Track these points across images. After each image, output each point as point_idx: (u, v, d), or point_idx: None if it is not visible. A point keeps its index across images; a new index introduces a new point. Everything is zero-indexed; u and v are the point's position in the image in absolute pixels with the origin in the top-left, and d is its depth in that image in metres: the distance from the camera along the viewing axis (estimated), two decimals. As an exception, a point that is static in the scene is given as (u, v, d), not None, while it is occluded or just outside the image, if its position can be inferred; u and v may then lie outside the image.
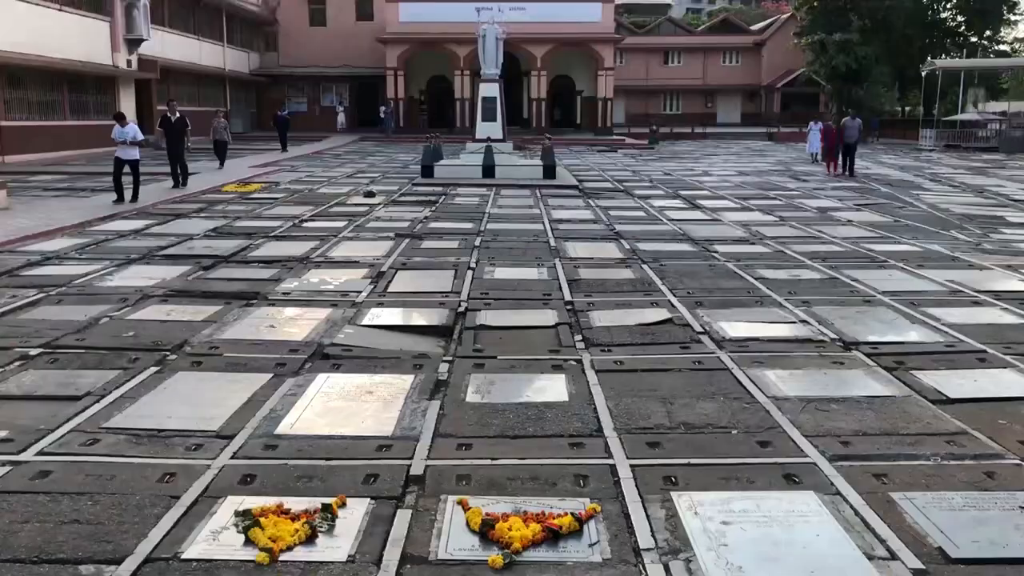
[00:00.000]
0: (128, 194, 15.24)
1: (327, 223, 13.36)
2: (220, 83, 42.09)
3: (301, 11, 47.50)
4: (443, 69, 44.66)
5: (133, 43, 30.77)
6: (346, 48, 46.19)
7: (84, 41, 27.96)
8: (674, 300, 8.06)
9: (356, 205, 15.82)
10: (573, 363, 6.07)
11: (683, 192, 18.59)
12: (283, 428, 4.79)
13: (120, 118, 15.72)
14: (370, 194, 17.35)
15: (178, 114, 17.85)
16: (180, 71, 36.24)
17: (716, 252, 10.86)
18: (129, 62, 30.72)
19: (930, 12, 52.70)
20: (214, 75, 40.89)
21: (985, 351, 6.32)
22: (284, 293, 8.35)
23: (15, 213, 13.50)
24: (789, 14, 59.02)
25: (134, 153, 15.35)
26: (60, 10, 26.60)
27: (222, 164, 22.67)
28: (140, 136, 15.70)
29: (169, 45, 34.82)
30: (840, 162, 23.46)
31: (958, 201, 17.15)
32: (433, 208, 15.38)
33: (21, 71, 24.90)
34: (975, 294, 8.39)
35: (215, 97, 41.25)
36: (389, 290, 8.58)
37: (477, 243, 11.40)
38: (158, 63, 32.55)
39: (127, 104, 30.11)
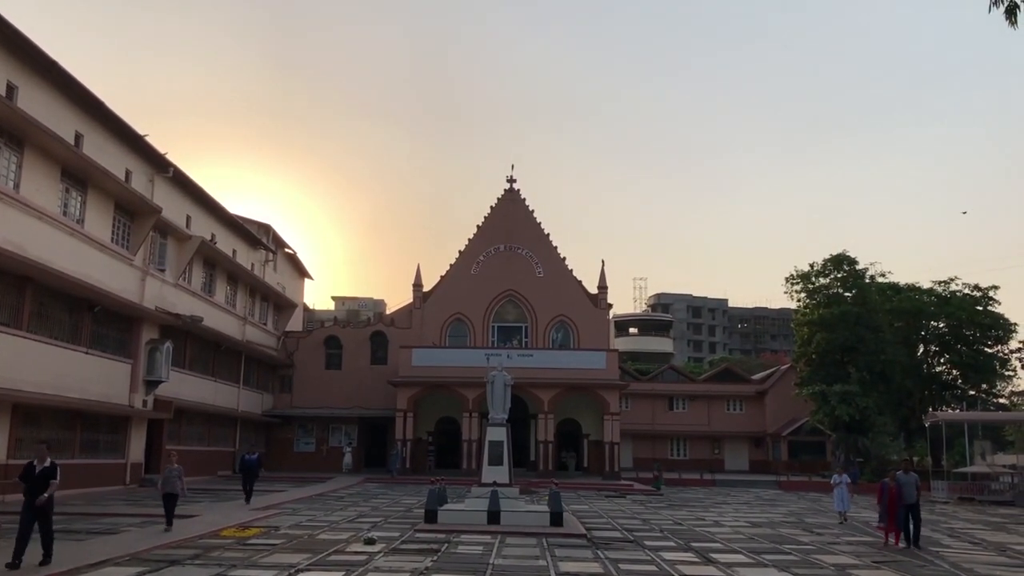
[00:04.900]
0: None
1: (323, 574, 12.79)
2: (231, 423, 42.62)
3: (318, 355, 49.59)
4: (451, 410, 45.52)
5: (151, 384, 31.60)
6: (358, 389, 47.79)
7: (103, 381, 28.74)
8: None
9: (355, 553, 15.25)
10: None
11: (695, 544, 17.97)
12: None
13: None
14: (370, 541, 16.82)
15: (48, 462, 12.63)
16: (193, 411, 36.88)
17: (733, 615, 10.23)
18: (145, 402, 31.34)
19: (925, 366, 54.64)
20: (226, 415, 41.51)
21: None
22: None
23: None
24: (788, 365, 61.17)
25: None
26: (87, 353, 27.71)
27: (169, 524, 17.65)
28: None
29: (186, 386, 35.73)
30: (902, 530, 18.68)
31: (981, 560, 16.46)
32: (435, 558, 14.80)
33: (38, 410, 25.23)
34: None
35: (225, 437, 41.70)
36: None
37: (479, 600, 10.82)
38: (173, 404, 33.11)
39: (137, 443, 30.36)
